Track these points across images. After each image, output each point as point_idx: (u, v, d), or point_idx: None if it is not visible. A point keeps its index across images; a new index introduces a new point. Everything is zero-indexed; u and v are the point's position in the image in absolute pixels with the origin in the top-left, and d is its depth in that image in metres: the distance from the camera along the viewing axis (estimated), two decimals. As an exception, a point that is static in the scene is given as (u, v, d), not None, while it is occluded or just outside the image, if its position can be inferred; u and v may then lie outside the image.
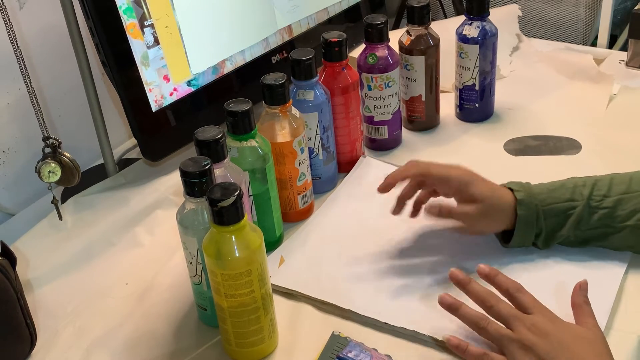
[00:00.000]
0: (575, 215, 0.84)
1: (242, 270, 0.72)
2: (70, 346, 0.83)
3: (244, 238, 0.72)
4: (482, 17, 1.10)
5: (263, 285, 0.74)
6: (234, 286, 0.73)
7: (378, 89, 1.06)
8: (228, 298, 0.73)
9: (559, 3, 2.03)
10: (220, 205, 0.69)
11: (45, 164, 0.96)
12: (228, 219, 0.71)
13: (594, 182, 0.86)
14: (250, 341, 0.77)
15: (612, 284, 0.82)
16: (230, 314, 0.75)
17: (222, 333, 0.79)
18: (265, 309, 0.76)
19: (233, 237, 0.72)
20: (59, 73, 1.14)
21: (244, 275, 0.72)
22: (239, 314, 0.75)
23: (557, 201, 0.85)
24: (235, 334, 0.76)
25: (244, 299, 0.73)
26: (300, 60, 0.95)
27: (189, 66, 1.04)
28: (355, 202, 1.01)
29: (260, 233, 0.75)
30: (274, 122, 0.92)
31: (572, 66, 1.28)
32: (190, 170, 0.74)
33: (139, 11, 0.97)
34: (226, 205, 0.69)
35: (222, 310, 0.75)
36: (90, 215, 1.04)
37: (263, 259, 0.74)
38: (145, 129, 1.02)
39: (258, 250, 0.73)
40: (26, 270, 0.95)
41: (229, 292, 0.73)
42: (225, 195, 0.70)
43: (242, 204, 0.71)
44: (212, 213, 0.71)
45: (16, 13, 1.06)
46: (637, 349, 0.76)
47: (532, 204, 0.85)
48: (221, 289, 0.73)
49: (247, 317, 0.75)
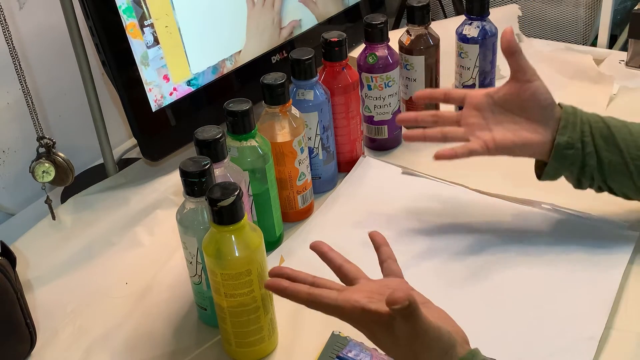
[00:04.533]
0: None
1: (242, 269, 0.72)
2: (70, 346, 0.83)
3: (244, 238, 0.72)
4: (482, 17, 1.10)
5: (263, 285, 0.74)
6: (233, 286, 0.73)
7: (378, 88, 1.06)
8: (228, 298, 0.73)
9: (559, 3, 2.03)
10: (220, 205, 0.70)
11: (39, 164, 0.96)
12: (228, 219, 0.71)
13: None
14: (250, 341, 0.77)
15: (612, 284, 0.82)
16: (230, 314, 0.75)
17: (222, 333, 0.79)
18: (265, 309, 0.76)
19: (233, 236, 0.72)
20: (58, 73, 1.14)
21: (243, 275, 0.72)
22: (239, 314, 0.75)
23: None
24: (235, 333, 0.76)
25: (244, 298, 0.73)
26: (300, 60, 0.95)
27: (188, 66, 1.04)
28: (355, 202, 1.01)
29: (260, 233, 0.75)
30: (274, 122, 0.92)
31: (572, 66, 1.28)
32: (190, 170, 0.74)
33: (138, 11, 0.97)
34: (226, 205, 0.70)
35: (222, 310, 0.75)
36: (90, 215, 1.04)
37: (263, 258, 0.74)
38: (145, 129, 1.02)
39: (258, 249, 0.73)
40: (26, 270, 0.95)
41: (229, 291, 0.73)
42: (225, 195, 0.70)
43: (242, 204, 0.71)
44: (212, 213, 0.71)
45: (16, 13, 1.06)
46: (637, 348, 0.76)
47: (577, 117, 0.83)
48: (221, 289, 0.73)
49: (246, 317, 0.75)
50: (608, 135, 0.83)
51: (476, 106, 0.86)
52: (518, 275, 0.85)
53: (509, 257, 0.88)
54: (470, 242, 0.91)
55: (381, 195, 1.02)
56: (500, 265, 0.87)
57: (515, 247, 0.89)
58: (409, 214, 0.97)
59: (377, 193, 1.02)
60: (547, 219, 0.93)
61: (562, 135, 0.82)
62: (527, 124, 0.84)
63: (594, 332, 0.76)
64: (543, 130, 0.83)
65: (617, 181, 0.84)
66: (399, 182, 1.04)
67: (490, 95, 0.85)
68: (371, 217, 0.98)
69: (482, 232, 0.92)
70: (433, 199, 0.99)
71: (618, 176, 0.83)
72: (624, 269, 0.84)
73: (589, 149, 0.82)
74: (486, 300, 0.82)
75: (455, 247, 0.91)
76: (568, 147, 0.82)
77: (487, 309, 0.81)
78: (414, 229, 0.95)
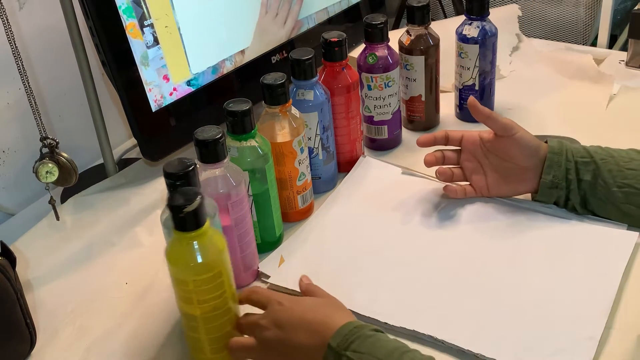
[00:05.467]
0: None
1: (213, 273, 0.71)
2: (70, 346, 0.83)
3: (210, 240, 0.71)
4: (482, 17, 1.10)
5: (230, 285, 0.74)
6: (206, 291, 0.71)
7: (378, 88, 1.06)
8: (201, 304, 0.72)
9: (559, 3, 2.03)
10: (186, 211, 0.68)
11: (43, 164, 0.96)
12: (194, 224, 0.69)
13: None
14: (226, 344, 0.75)
15: (611, 284, 0.82)
16: (204, 321, 0.73)
17: (192, 343, 0.77)
18: (235, 308, 0.75)
19: (197, 241, 0.70)
20: (58, 73, 1.14)
21: (215, 278, 0.71)
22: (213, 319, 0.73)
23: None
24: (210, 340, 0.75)
25: (217, 302, 0.72)
26: (300, 60, 0.95)
27: (188, 66, 1.04)
28: (355, 202, 1.01)
29: (220, 233, 0.74)
30: (274, 122, 0.92)
31: (572, 66, 1.28)
32: (173, 171, 0.74)
33: (138, 11, 0.97)
34: (191, 210, 0.68)
35: (194, 319, 0.73)
36: (90, 215, 1.04)
37: (228, 259, 0.74)
38: (145, 129, 1.02)
39: (225, 250, 0.72)
40: (26, 270, 0.95)
41: (202, 297, 0.72)
42: (188, 201, 0.68)
43: (204, 208, 0.70)
44: (177, 220, 0.69)
45: (16, 13, 1.07)
46: (637, 348, 0.76)
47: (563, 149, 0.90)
48: (193, 297, 0.72)
49: (220, 320, 0.74)
50: (594, 169, 0.89)
51: (472, 152, 0.95)
52: (518, 275, 0.85)
53: (508, 257, 0.88)
54: (469, 242, 0.91)
55: (381, 195, 1.01)
56: (500, 265, 0.87)
57: (515, 247, 0.89)
58: (409, 214, 0.97)
59: (377, 193, 1.02)
60: (547, 219, 0.93)
61: (547, 175, 0.90)
62: (517, 168, 0.93)
63: (594, 332, 0.76)
64: (532, 176, 0.92)
65: (603, 210, 0.90)
66: (399, 182, 1.04)
67: (483, 143, 0.94)
68: (371, 217, 0.98)
69: (481, 232, 0.92)
70: (433, 199, 0.99)
71: (603, 205, 0.90)
72: (623, 269, 0.84)
73: (572, 186, 0.90)
74: (486, 299, 0.82)
75: (454, 247, 0.91)
76: (552, 186, 0.91)
77: (487, 308, 0.81)
78: (413, 228, 0.95)
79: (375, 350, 0.67)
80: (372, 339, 0.68)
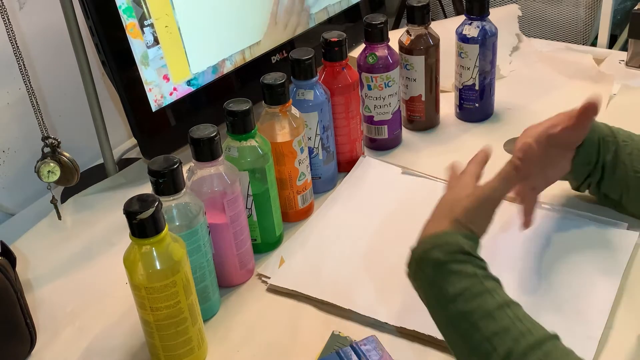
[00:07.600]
0: None
1: (166, 282, 0.70)
2: (70, 346, 0.83)
3: (166, 249, 0.71)
4: (482, 17, 1.10)
5: (189, 295, 0.73)
6: (159, 299, 0.71)
7: (378, 88, 1.06)
8: (154, 312, 0.72)
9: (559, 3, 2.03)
10: (139, 218, 0.68)
11: (45, 163, 0.96)
12: (149, 231, 0.69)
13: None
14: (180, 353, 0.75)
15: (611, 284, 0.82)
16: (158, 328, 0.73)
17: (150, 348, 0.77)
18: (193, 319, 0.75)
19: (154, 249, 0.70)
20: (59, 73, 1.14)
21: (169, 287, 0.71)
22: (167, 327, 0.73)
23: None
24: (164, 347, 0.75)
25: (171, 310, 0.72)
26: (300, 60, 0.95)
27: (188, 66, 1.04)
28: (355, 202, 1.01)
29: (183, 243, 0.73)
30: (274, 122, 0.92)
31: (572, 66, 1.28)
32: (156, 168, 0.74)
33: (138, 11, 0.97)
34: (146, 217, 0.68)
35: (149, 324, 0.74)
36: (90, 215, 1.04)
37: (188, 269, 0.73)
38: (145, 129, 1.02)
39: (182, 260, 0.72)
40: (26, 270, 0.95)
41: (155, 305, 0.71)
42: (143, 208, 0.68)
43: (162, 215, 0.69)
44: (132, 226, 0.69)
45: (16, 13, 1.07)
46: (637, 348, 0.76)
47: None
48: (146, 303, 0.72)
49: (174, 329, 0.74)
50: (616, 149, 0.87)
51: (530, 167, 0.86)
52: (517, 275, 0.85)
53: (508, 257, 0.88)
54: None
55: (381, 196, 1.02)
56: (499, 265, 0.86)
57: (515, 247, 0.89)
58: (409, 214, 0.97)
59: (377, 193, 1.02)
60: (547, 219, 0.93)
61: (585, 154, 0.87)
62: (561, 153, 0.88)
63: (594, 332, 0.76)
64: (571, 155, 0.88)
65: (615, 191, 0.88)
66: (399, 182, 1.04)
67: (548, 140, 0.85)
68: (371, 217, 0.98)
69: (482, 232, 0.92)
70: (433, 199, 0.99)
71: (617, 187, 0.88)
72: (623, 269, 0.84)
73: (598, 165, 0.87)
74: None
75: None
76: (586, 163, 0.88)
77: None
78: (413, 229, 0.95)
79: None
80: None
